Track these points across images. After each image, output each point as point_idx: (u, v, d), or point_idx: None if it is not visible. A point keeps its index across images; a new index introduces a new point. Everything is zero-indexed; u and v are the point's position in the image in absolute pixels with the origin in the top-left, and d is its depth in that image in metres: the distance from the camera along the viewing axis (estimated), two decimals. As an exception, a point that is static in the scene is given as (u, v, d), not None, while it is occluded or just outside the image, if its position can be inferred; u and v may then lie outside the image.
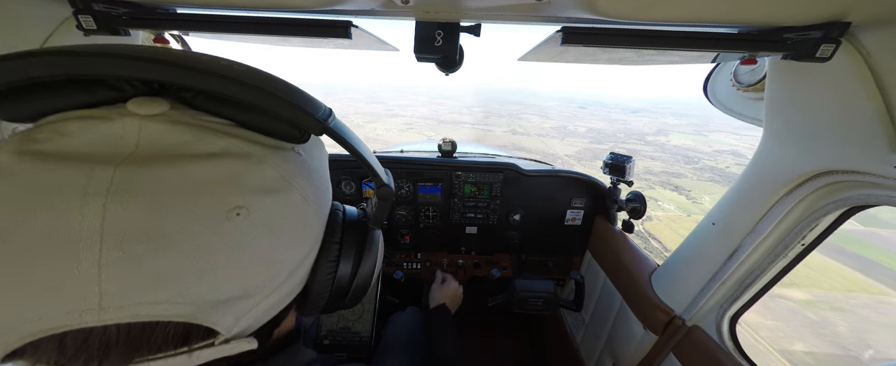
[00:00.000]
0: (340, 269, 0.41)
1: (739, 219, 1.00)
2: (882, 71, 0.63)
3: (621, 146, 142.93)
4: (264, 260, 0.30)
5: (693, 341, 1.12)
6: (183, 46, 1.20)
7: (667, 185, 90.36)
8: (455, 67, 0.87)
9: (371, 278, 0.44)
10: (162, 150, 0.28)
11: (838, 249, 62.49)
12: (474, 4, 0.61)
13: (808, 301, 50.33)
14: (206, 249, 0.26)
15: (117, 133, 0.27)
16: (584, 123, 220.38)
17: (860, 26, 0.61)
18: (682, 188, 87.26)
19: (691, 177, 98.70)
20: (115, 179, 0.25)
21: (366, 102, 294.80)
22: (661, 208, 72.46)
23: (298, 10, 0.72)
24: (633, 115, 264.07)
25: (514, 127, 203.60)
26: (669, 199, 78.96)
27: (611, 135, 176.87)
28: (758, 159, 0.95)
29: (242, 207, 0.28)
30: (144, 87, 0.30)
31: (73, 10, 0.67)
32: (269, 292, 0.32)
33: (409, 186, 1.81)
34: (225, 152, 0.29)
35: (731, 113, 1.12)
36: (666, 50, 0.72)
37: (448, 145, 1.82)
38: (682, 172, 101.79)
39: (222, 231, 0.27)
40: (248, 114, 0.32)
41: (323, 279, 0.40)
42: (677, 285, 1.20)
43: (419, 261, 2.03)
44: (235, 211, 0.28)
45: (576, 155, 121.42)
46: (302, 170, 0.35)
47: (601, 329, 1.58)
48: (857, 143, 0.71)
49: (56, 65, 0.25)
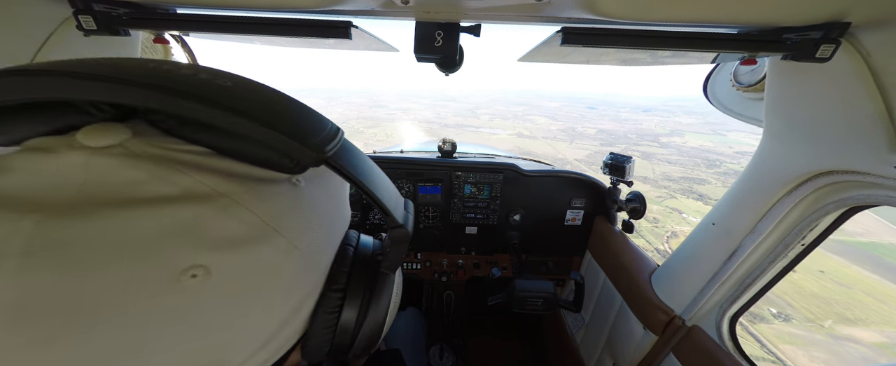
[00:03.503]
0: (343, 318, 0.35)
1: (739, 219, 1.00)
2: (882, 71, 0.63)
3: (634, 149, 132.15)
4: (233, 325, 0.25)
5: (693, 341, 1.12)
6: (183, 46, 1.20)
7: (689, 193, 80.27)
8: (455, 67, 0.87)
9: (380, 330, 0.38)
10: (107, 193, 0.22)
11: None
12: (474, 4, 0.61)
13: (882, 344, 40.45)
14: (146, 322, 0.21)
15: (60, 170, 0.23)
16: (593, 125, 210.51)
17: (860, 26, 0.61)
18: (707, 196, 76.78)
19: (716, 183, 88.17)
20: (37, 233, 0.20)
21: (368, 107, 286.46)
22: (687, 222, 62.77)
23: (298, 11, 0.72)
24: (644, 114, 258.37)
25: (519, 130, 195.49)
26: (695, 210, 68.70)
27: (622, 136, 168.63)
28: (758, 159, 0.95)
29: (200, 266, 0.23)
30: (114, 109, 0.26)
31: (74, 11, 0.67)
32: (251, 354, 0.27)
33: (409, 187, 1.81)
34: (185, 195, 0.24)
35: (730, 113, 1.12)
36: (666, 50, 0.72)
37: (448, 146, 1.82)
38: (704, 178, 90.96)
39: (169, 299, 0.22)
40: (229, 140, 0.27)
41: (321, 330, 0.34)
42: (677, 286, 1.20)
43: (419, 261, 2.03)
44: (190, 272, 0.22)
45: (586, 160, 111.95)
46: (297, 208, 0.29)
47: (601, 329, 1.58)
48: (856, 143, 0.71)
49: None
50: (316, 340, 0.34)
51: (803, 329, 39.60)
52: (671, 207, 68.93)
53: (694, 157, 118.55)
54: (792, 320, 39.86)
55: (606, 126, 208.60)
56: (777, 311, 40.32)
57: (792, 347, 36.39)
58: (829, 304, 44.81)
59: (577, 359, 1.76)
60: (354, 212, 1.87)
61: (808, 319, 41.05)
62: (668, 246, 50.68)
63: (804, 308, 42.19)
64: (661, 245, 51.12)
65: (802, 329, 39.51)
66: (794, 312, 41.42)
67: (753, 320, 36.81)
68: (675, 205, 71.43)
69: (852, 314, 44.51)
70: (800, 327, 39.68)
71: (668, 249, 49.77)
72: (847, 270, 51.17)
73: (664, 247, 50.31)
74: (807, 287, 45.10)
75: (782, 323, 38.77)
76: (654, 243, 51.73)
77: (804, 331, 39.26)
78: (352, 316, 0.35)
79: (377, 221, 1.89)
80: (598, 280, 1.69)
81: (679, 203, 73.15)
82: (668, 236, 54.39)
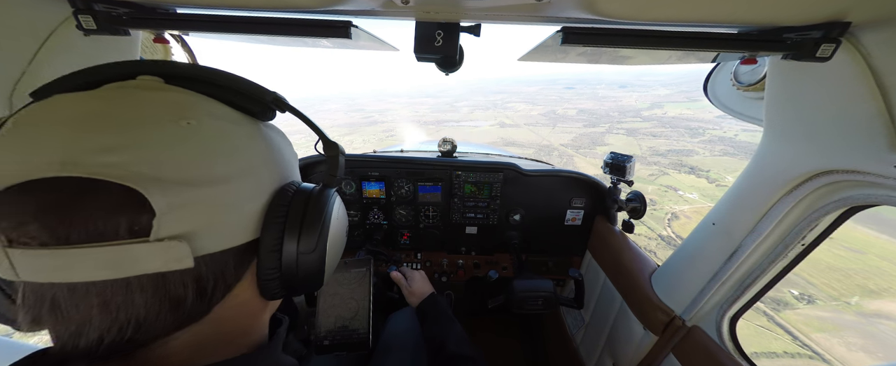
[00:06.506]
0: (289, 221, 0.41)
1: (739, 219, 1.00)
2: (882, 71, 0.63)
3: (618, 126, 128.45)
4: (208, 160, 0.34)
5: (693, 341, 1.12)
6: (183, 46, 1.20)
7: (680, 167, 77.16)
8: (455, 67, 0.87)
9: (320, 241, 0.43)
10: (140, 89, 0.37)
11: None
12: (474, 4, 0.61)
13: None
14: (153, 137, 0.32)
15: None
16: (573, 105, 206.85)
17: (860, 26, 0.61)
18: (699, 169, 74.54)
19: (703, 153, 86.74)
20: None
21: (344, 112, 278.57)
22: (685, 200, 59.99)
23: (298, 10, 0.72)
24: (621, 90, 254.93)
25: (501, 119, 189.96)
26: (689, 185, 66.50)
27: (604, 115, 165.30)
28: (758, 159, 0.95)
29: (193, 119, 0.35)
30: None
31: (73, 10, 0.67)
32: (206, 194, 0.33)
33: (409, 186, 1.81)
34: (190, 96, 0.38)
35: (731, 112, 1.12)
36: (666, 50, 0.72)
37: (448, 145, 1.82)
38: (691, 149, 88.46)
39: (170, 128, 0.33)
40: (220, 93, 0.41)
41: (270, 227, 0.40)
42: (677, 286, 1.20)
43: (419, 261, 2.03)
44: (186, 121, 0.34)
45: (572, 144, 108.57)
46: (262, 135, 0.42)
47: (601, 329, 1.58)
48: (857, 142, 0.71)
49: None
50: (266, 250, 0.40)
51: (830, 310, 37.97)
52: (665, 186, 66.88)
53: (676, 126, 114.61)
54: (816, 302, 38.24)
55: (586, 105, 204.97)
56: (799, 292, 38.72)
57: (825, 335, 34.70)
58: (849, 276, 43.59)
59: (577, 359, 1.75)
60: (354, 212, 1.88)
61: (831, 296, 39.44)
62: (670, 231, 49.23)
63: (825, 285, 40.73)
64: (663, 230, 49.39)
65: (829, 310, 37.89)
66: (816, 290, 39.92)
67: (777, 306, 35.37)
68: (668, 182, 69.64)
69: (874, 284, 43.33)
70: (826, 307, 38.07)
71: (671, 233, 48.41)
72: (854, 233, 50.17)
73: (667, 232, 48.42)
74: (822, 259, 43.69)
75: (807, 306, 37.12)
76: (656, 229, 49.95)
77: (832, 313, 37.66)
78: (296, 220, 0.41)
79: (377, 220, 1.90)
80: (598, 280, 1.68)
81: (672, 179, 71.39)
82: (669, 219, 52.74)
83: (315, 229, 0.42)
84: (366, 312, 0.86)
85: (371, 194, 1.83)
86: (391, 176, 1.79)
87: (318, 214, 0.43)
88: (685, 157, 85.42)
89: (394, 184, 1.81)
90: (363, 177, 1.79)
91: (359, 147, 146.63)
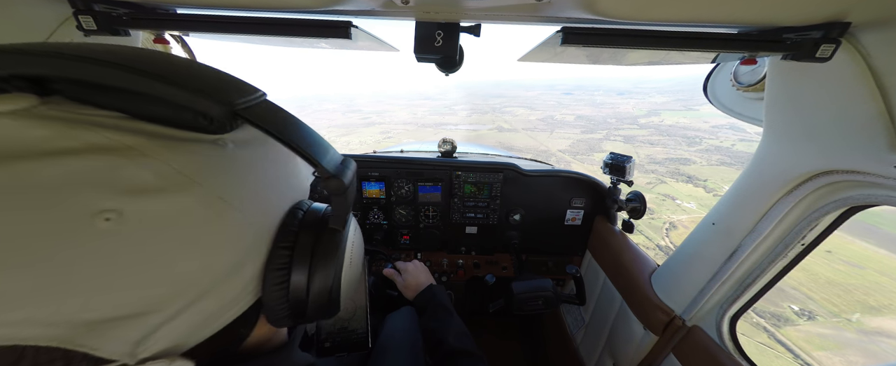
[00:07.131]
0: (294, 275, 0.36)
1: (739, 219, 1.00)
2: (882, 71, 0.63)
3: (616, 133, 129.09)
4: (158, 272, 0.26)
5: (693, 341, 1.12)
6: (183, 47, 1.20)
7: (678, 175, 77.50)
8: (455, 68, 0.87)
9: (332, 286, 0.39)
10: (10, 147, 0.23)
11: None
12: (474, 4, 0.61)
13: None
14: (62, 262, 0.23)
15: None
16: (571, 111, 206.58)
17: (860, 26, 0.61)
18: (696, 178, 74.64)
19: (700, 162, 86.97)
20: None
21: (342, 113, 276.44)
22: (683, 209, 59.57)
23: (298, 11, 0.72)
24: (619, 97, 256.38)
25: (499, 123, 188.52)
26: (687, 194, 66.46)
27: (601, 121, 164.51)
28: (758, 159, 0.95)
29: (112, 210, 0.24)
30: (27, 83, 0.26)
31: (74, 11, 0.67)
32: (186, 305, 0.28)
33: (409, 186, 1.81)
34: (92, 147, 0.24)
35: (731, 113, 1.12)
36: (666, 50, 0.72)
37: (448, 145, 1.82)
38: (688, 158, 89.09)
39: (83, 240, 0.23)
40: (141, 103, 0.28)
41: (273, 289, 0.36)
42: (677, 286, 1.20)
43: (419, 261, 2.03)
44: (103, 216, 0.24)
45: (570, 150, 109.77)
46: (227, 167, 0.30)
47: (601, 329, 1.58)
48: (857, 143, 0.71)
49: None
50: (271, 298, 0.36)
51: (831, 327, 37.90)
52: (663, 194, 66.99)
53: (673, 135, 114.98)
54: (817, 318, 38.17)
55: (584, 112, 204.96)
56: (799, 308, 38.69)
57: (826, 353, 34.64)
58: (849, 291, 43.14)
59: (577, 359, 1.75)
60: (354, 212, 1.88)
61: (832, 313, 39.24)
62: (668, 241, 49.00)
63: (825, 300, 40.44)
64: (661, 239, 49.33)
65: (830, 327, 37.85)
66: (816, 306, 39.68)
67: (778, 322, 35.32)
68: (666, 191, 69.30)
69: (875, 301, 42.85)
70: (827, 324, 38.01)
71: (669, 243, 48.16)
72: (852, 247, 50.03)
73: (665, 242, 48.40)
74: (821, 273, 43.53)
75: (808, 323, 37.14)
76: (654, 239, 50.05)
77: (832, 330, 37.60)
78: (302, 272, 0.37)
79: (377, 220, 1.89)
80: (597, 280, 1.68)
81: (670, 188, 71.11)
82: (667, 229, 52.87)
83: (328, 273, 0.38)
84: (363, 311, 0.86)
85: (371, 194, 1.83)
86: (391, 176, 1.79)
87: (328, 257, 0.38)
88: (682, 165, 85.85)
89: (394, 184, 1.81)
90: (363, 177, 1.79)
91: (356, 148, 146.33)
